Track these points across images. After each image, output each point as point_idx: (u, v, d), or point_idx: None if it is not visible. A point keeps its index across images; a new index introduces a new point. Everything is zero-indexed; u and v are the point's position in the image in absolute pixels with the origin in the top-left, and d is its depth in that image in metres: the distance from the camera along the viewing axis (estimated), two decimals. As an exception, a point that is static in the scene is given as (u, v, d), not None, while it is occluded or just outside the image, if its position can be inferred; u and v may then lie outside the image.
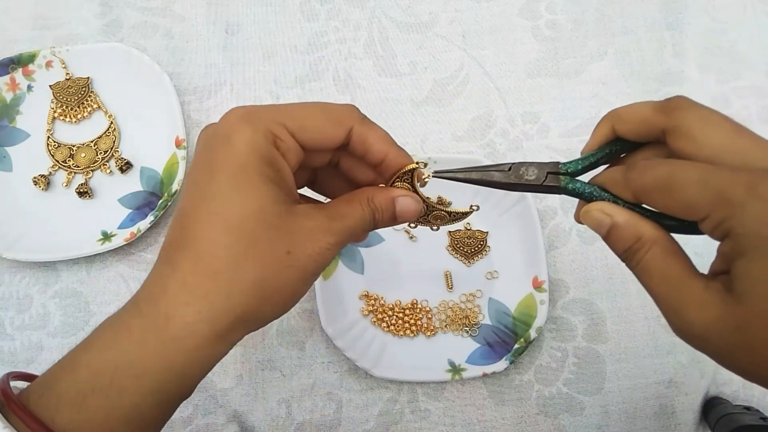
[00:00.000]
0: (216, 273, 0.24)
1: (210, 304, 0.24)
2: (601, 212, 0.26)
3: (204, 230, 0.25)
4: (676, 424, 0.48)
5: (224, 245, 0.24)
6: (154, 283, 0.25)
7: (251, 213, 0.25)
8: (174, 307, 0.24)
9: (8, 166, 0.52)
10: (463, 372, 0.46)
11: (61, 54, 0.53)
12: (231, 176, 0.25)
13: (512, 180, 0.29)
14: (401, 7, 0.57)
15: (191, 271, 0.24)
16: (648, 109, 0.26)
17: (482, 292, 0.50)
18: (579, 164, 0.29)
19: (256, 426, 0.47)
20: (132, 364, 0.24)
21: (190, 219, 0.25)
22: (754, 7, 0.58)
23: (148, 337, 0.24)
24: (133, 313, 0.25)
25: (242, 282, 0.24)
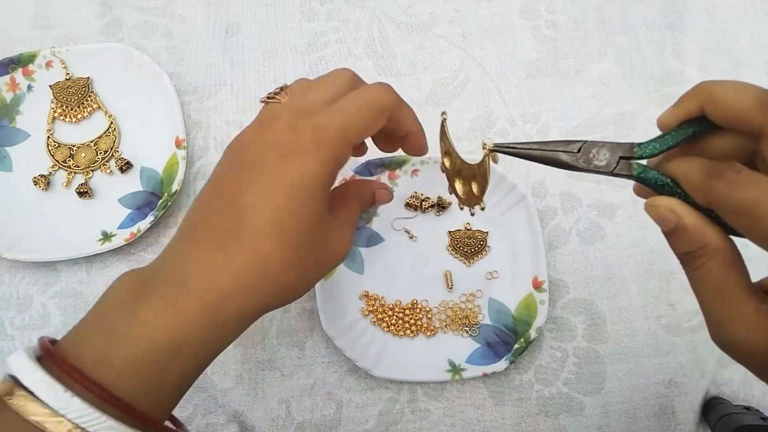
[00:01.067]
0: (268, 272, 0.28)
1: (259, 298, 0.28)
2: (669, 210, 0.25)
3: (264, 234, 0.28)
4: (676, 424, 0.48)
5: (281, 253, 0.28)
6: (204, 264, 0.28)
7: (305, 229, 0.29)
8: (228, 296, 0.27)
9: (8, 166, 0.52)
10: (463, 372, 0.46)
11: (61, 54, 0.53)
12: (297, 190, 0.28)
13: (580, 164, 0.27)
14: (401, 7, 0.57)
15: (248, 267, 0.28)
16: (750, 102, 0.23)
17: (482, 292, 0.50)
18: (656, 147, 0.26)
19: (256, 426, 0.47)
20: (186, 343, 0.27)
21: (249, 214, 0.28)
22: (754, 7, 0.58)
23: (203, 321, 0.27)
24: (182, 293, 0.27)
25: (288, 284, 0.29)
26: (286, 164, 0.28)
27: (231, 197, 0.29)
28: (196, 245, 0.28)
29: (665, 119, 0.27)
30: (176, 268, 0.28)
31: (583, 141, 0.27)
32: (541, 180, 0.52)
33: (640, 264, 0.51)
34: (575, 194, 0.52)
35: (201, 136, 0.54)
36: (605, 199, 0.52)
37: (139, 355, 0.26)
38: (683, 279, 0.53)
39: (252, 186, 0.29)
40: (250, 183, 0.29)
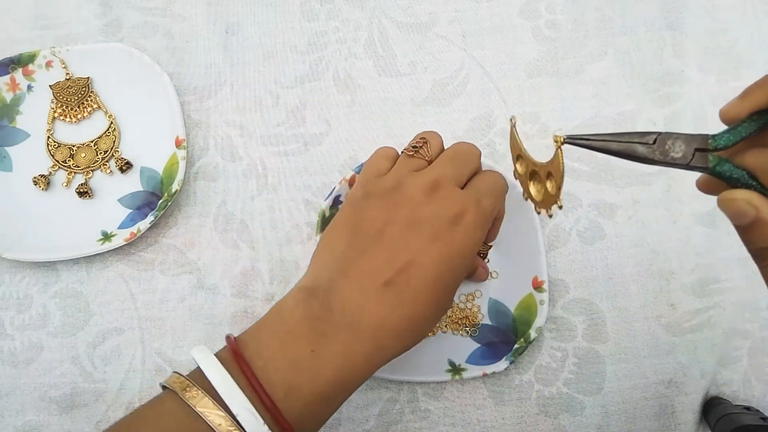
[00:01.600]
0: (421, 329, 0.33)
1: (407, 344, 0.33)
2: (746, 203, 0.24)
3: (425, 293, 0.32)
4: (676, 424, 0.48)
5: (433, 309, 0.33)
6: (372, 311, 0.31)
7: (452, 291, 0.34)
8: (389, 347, 0.31)
9: (8, 166, 0.52)
10: (463, 372, 0.46)
11: (61, 54, 0.53)
12: (458, 264, 0.32)
13: (657, 157, 0.26)
14: (401, 7, 0.57)
15: (408, 320, 0.31)
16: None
17: (482, 292, 0.50)
18: (730, 139, 0.26)
19: (256, 426, 0.47)
20: (352, 380, 0.30)
21: (415, 272, 0.32)
22: (754, 7, 0.58)
23: (364, 361, 0.31)
24: (355, 340, 0.30)
25: (425, 333, 0.34)
26: (454, 235, 0.32)
27: (395, 249, 0.32)
28: (360, 286, 0.31)
29: (731, 112, 0.26)
30: (345, 306, 0.31)
31: (658, 132, 0.26)
32: (541, 180, 0.52)
33: (640, 264, 0.51)
34: (575, 194, 0.52)
35: (201, 136, 0.54)
36: (605, 199, 0.52)
37: (316, 392, 0.29)
38: (683, 279, 0.53)
39: (421, 246, 0.32)
40: (418, 242, 0.32)
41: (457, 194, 0.33)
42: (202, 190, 0.53)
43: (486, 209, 0.33)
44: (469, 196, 0.33)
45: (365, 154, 0.53)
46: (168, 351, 0.48)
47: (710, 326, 0.49)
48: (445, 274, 0.31)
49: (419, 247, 0.31)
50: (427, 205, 0.32)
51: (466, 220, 0.32)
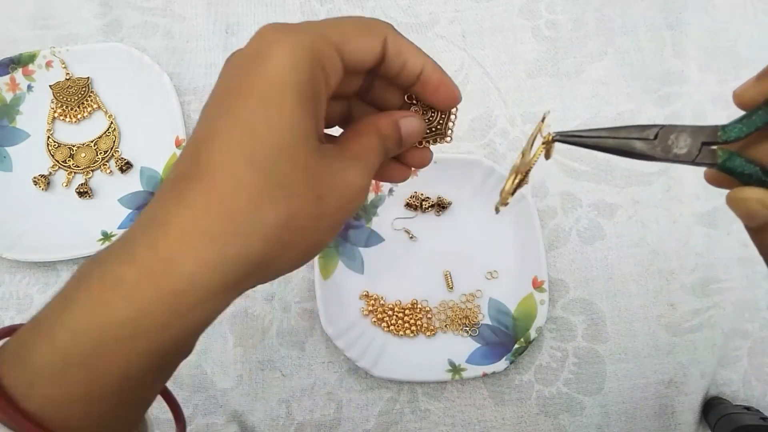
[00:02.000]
0: (235, 212, 0.20)
1: (223, 249, 0.20)
2: (760, 203, 0.21)
3: (224, 161, 0.20)
4: (676, 424, 0.48)
5: (248, 181, 0.20)
6: (155, 221, 0.20)
7: (282, 147, 0.21)
8: (178, 252, 0.19)
9: (8, 166, 0.52)
10: (463, 372, 0.46)
11: (61, 54, 0.53)
12: (264, 100, 0.21)
13: (658, 153, 0.23)
14: (401, 7, 0.57)
15: (204, 209, 0.20)
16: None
17: (482, 292, 0.50)
18: (742, 130, 0.23)
19: (256, 426, 0.47)
20: (123, 325, 0.19)
21: (207, 147, 0.21)
22: (754, 7, 0.58)
23: (143, 292, 0.19)
24: (125, 259, 0.20)
25: (264, 225, 0.20)
26: (246, 72, 0.21)
27: (194, 135, 0.22)
28: (157, 196, 0.21)
29: (746, 95, 0.23)
30: (138, 227, 0.21)
31: (660, 126, 0.24)
32: (541, 180, 0.52)
33: (640, 264, 0.51)
34: (575, 194, 0.52)
35: (201, 136, 0.54)
36: (605, 199, 0.52)
37: (55, 352, 0.19)
38: (683, 279, 0.53)
39: (212, 111, 0.22)
40: (210, 109, 0.22)
41: (258, 34, 0.24)
42: (202, 190, 0.53)
43: (296, 26, 0.23)
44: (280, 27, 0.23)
45: (365, 154, 0.53)
46: (168, 351, 0.48)
47: (710, 326, 0.49)
48: (246, 121, 0.21)
49: (209, 113, 0.23)
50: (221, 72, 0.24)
51: (262, 47, 0.22)
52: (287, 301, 0.50)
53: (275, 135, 0.21)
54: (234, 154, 0.20)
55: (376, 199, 0.51)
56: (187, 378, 0.48)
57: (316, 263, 0.48)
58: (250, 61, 0.22)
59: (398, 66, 0.25)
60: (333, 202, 0.23)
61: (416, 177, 0.51)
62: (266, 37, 0.22)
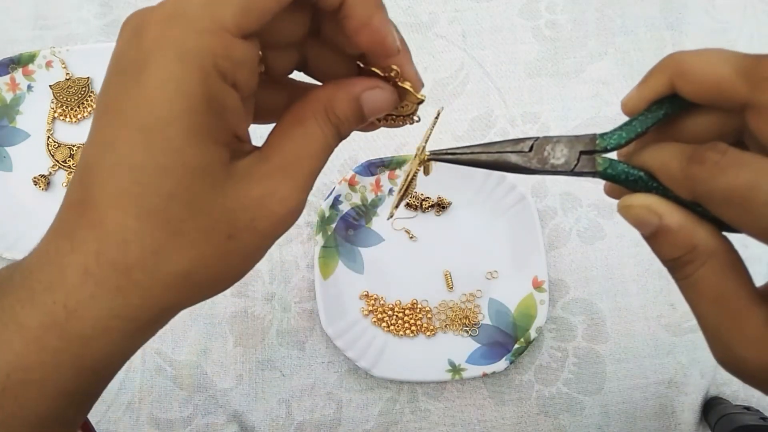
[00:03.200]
0: (128, 268, 0.18)
1: (124, 300, 0.18)
2: (647, 209, 0.21)
3: (111, 207, 0.18)
4: (676, 424, 0.48)
5: (139, 232, 0.18)
6: (49, 259, 0.19)
7: (175, 192, 0.18)
8: (76, 299, 0.18)
9: (8, 166, 0.52)
10: (463, 372, 0.46)
11: (61, 54, 0.53)
12: (148, 136, 0.17)
13: (534, 164, 0.22)
14: (401, 7, 0.57)
15: (96, 259, 0.18)
16: (729, 70, 0.19)
17: (482, 292, 0.50)
18: (622, 136, 0.22)
19: (256, 426, 0.47)
20: (30, 369, 0.18)
21: (93, 181, 0.18)
22: (754, 7, 0.58)
23: (48, 335, 0.18)
24: (23, 298, 0.19)
25: (164, 276, 0.19)
26: (125, 93, 0.18)
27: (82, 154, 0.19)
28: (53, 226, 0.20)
29: (630, 102, 0.22)
30: (27, 260, 0.19)
31: (534, 138, 0.23)
32: (541, 180, 0.52)
33: (640, 264, 0.51)
34: (575, 194, 0.52)
35: (201, 136, 0.54)
36: (605, 199, 0.52)
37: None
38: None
39: (92, 137, 0.19)
40: (92, 132, 0.19)
41: (132, 27, 0.19)
42: (202, 190, 0.53)
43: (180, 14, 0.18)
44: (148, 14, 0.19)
45: (365, 154, 0.53)
46: (168, 351, 0.48)
47: (710, 326, 0.49)
48: (135, 163, 0.18)
49: (93, 137, 0.20)
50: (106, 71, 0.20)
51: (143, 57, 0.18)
52: (287, 301, 0.50)
53: (164, 179, 0.18)
54: (121, 201, 0.18)
55: (376, 199, 0.51)
56: (187, 378, 0.48)
57: (316, 263, 0.48)
58: (127, 71, 0.18)
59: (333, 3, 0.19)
60: (249, 238, 0.20)
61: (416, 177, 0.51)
62: (146, 35, 0.18)
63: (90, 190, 0.18)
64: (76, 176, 0.19)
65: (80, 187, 0.19)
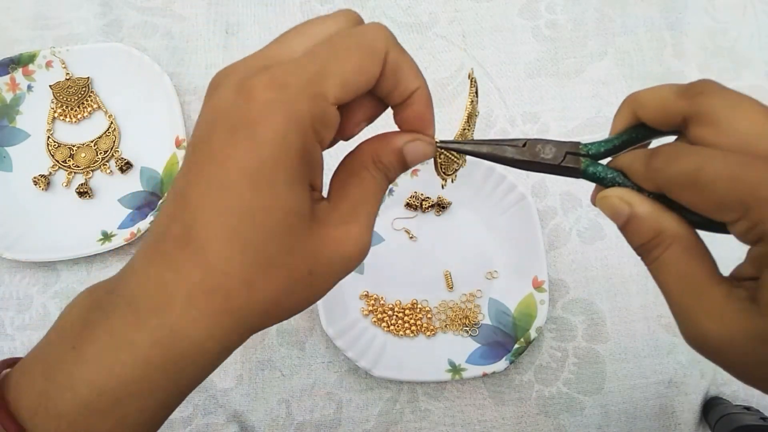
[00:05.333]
0: (228, 293, 0.21)
1: (220, 323, 0.22)
2: (620, 200, 0.24)
3: (215, 241, 0.21)
4: (676, 424, 0.48)
5: (240, 263, 0.21)
6: (156, 288, 0.22)
7: (274, 231, 0.21)
8: (182, 323, 0.21)
9: (8, 166, 0.52)
10: (463, 372, 0.46)
11: (61, 54, 0.53)
12: (255, 182, 0.21)
13: (526, 157, 0.26)
14: (401, 7, 0.57)
15: (201, 286, 0.21)
16: (670, 92, 0.23)
17: (482, 292, 0.50)
18: (601, 146, 0.26)
19: (256, 426, 0.47)
20: (139, 382, 0.21)
21: (197, 217, 0.21)
22: (754, 7, 0.58)
23: (154, 353, 0.21)
24: (132, 322, 0.22)
25: (255, 303, 0.22)
26: (235, 144, 0.21)
27: (179, 192, 0.22)
28: (153, 256, 0.22)
29: (610, 133, 0.26)
30: (130, 286, 0.22)
31: (528, 138, 0.27)
32: (541, 180, 0.52)
33: (640, 264, 0.50)
34: (575, 194, 0.52)
35: (201, 136, 0.54)
36: (605, 199, 0.52)
37: (79, 405, 0.21)
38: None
39: (198, 179, 0.21)
40: (196, 174, 0.22)
41: (235, 85, 0.22)
42: (202, 190, 0.53)
43: (287, 83, 0.21)
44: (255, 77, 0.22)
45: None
46: (168, 351, 0.48)
47: (710, 326, 0.49)
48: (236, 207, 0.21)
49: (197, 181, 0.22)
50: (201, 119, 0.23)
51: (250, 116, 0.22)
52: (287, 301, 0.50)
53: (267, 219, 0.21)
54: (226, 235, 0.21)
55: (376, 199, 0.51)
56: (187, 378, 0.48)
57: (316, 263, 0.48)
58: (238, 126, 0.21)
59: (391, 84, 0.24)
60: (325, 274, 0.23)
61: (416, 177, 0.51)
62: (256, 98, 0.21)
63: (193, 227, 0.21)
64: (174, 212, 0.22)
65: (181, 224, 0.22)
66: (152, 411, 0.22)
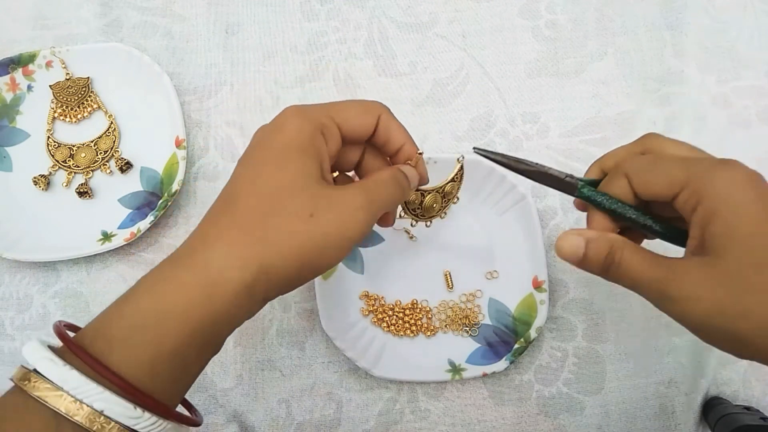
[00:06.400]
0: (245, 226, 0.28)
1: (239, 252, 0.27)
2: (575, 236, 0.31)
3: (244, 197, 0.29)
4: (676, 424, 0.48)
5: (257, 208, 0.28)
6: (196, 238, 0.29)
7: (284, 182, 0.29)
8: (211, 255, 0.27)
9: (8, 166, 0.52)
10: (463, 372, 0.46)
11: (61, 54, 0.53)
12: (275, 153, 0.29)
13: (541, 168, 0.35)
14: (401, 7, 0.57)
15: (227, 224, 0.28)
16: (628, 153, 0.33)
17: (482, 292, 0.50)
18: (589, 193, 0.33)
19: (256, 426, 0.47)
20: (175, 307, 0.26)
21: (233, 189, 0.30)
22: (754, 7, 0.58)
23: (190, 282, 0.27)
24: (175, 265, 0.28)
25: (264, 234, 0.27)
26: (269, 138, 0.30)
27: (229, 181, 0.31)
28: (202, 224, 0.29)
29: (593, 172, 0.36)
30: (184, 246, 0.29)
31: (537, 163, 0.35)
32: (541, 180, 0.52)
33: (640, 264, 0.51)
34: (575, 194, 0.52)
35: (201, 136, 0.54)
36: (605, 199, 0.52)
37: (128, 326, 0.26)
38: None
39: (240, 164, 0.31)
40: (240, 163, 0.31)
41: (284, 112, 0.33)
42: (202, 190, 0.53)
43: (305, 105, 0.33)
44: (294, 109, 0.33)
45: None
46: (168, 351, 0.48)
47: (710, 326, 0.49)
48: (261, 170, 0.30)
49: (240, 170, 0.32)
50: None
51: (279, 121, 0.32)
52: (287, 301, 0.50)
53: (279, 175, 0.29)
54: (251, 192, 0.29)
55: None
56: (187, 378, 0.48)
57: (316, 263, 0.48)
58: (271, 131, 0.31)
59: (384, 139, 0.34)
60: (324, 219, 0.28)
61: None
62: (286, 114, 0.31)
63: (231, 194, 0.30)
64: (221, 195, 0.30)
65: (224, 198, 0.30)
66: (187, 337, 0.26)
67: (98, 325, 0.27)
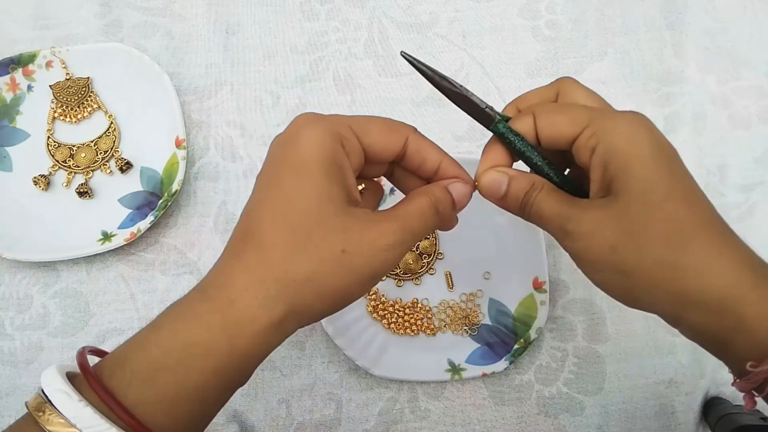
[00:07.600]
0: (273, 263, 0.26)
1: (267, 291, 0.26)
2: (498, 171, 0.31)
3: (266, 223, 0.27)
4: (676, 424, 0.48)
5: (283, 240, 0.26)
6: (221, 272, 0.27)
7: (310, 209, 0.26)
8: (237, 292, 0.26)
9: (8, 166, 0.52)
10: (462, 372, 0.46)
11: (61, 54, 0.53)
12: (294, 172, 0.27)
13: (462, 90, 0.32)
14: (401, 7, 0.57)
15: (254, 260, 0.26)
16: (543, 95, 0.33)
17: (482, 292, 0.50)
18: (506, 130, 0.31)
19: (256, 426, 0.47)
20: (199, 344, 0.25)
21: (255, 213, 0.27)
22: (754, 7, 0.58)
23: (214, 320, 0.25)
24: (200, 299, 0.27)
25: (295, 274, 0.26)
26: (288, 148, 0.28)
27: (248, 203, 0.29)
28: (223, 253, 0.28)
29: None
30: (209, 277, 0.28)
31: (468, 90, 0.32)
32: (541, 180, 0.52)
33: (640, 264, 0.51)
34: (575, 194, 0.52)
35: (201, 136, 0.54)
36: (605, 199, 0.52)
37: (149, 362, 0.25)
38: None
39: (258, 183, 0.28)
40: (258, 181, 0.29)
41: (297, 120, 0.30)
42: (202, 190, 0.53)
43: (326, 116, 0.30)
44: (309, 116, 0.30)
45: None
46: (168, 351, 0.48)
47: (710, 326, 0.49)
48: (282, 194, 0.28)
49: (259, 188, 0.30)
50: None
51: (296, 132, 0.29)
52: (287, 301, 0.50)
53: (304, 200, 0.26)
54: (275, 220, 0.27)
55: (376, 199, 0.51)
56: (187, 378, 0.48)
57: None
58: (286, 143, 0.28)
59: (417, 161, 0.31)
60: (357, 256, 0.27)
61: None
62: (299, 123, 0.28)
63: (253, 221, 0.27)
64: (242, 218, 0.28)
65: (245, 222, 0.28)
66: (211, 375, 0.25)
67: (120, 356, 0.26)
